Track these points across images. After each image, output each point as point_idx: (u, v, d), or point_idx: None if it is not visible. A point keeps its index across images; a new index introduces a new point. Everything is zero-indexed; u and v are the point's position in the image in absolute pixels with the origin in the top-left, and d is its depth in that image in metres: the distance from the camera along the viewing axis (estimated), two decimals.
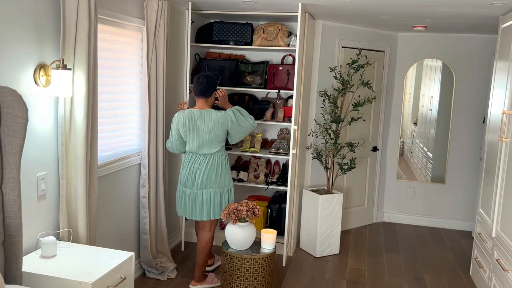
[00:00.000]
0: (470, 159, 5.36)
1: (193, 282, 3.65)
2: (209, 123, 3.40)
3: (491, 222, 3.61)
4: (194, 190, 3.48)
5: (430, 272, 4.23)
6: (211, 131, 3.40)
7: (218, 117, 3.40)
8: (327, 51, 4.70)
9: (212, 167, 3.46)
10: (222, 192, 3.52)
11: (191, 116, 3.42)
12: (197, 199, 3.49)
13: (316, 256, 4.43)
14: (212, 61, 4.44)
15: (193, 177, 3.47)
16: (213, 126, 3.40)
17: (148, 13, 3.44)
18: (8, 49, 2.28)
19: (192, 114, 3.43)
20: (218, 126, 3.41)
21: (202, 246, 3.60)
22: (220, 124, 3.41)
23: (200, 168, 3.45)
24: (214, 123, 3.40)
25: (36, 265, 2.34)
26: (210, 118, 3.40)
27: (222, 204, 3.53)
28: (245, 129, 3.51)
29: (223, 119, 3.41)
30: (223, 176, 3.52)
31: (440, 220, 5.53)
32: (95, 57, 2.76)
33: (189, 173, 3.48)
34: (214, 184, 3.47)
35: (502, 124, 3.40)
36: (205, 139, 3.42)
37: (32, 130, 2.48)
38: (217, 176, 3.48)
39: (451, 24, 4.53)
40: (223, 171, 3.51)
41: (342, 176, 5.06)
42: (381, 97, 5.34)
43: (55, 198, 2.72)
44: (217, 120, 3.40)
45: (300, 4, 3.76)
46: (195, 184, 3.47)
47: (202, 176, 3.45)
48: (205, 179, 3.45)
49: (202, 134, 3.41)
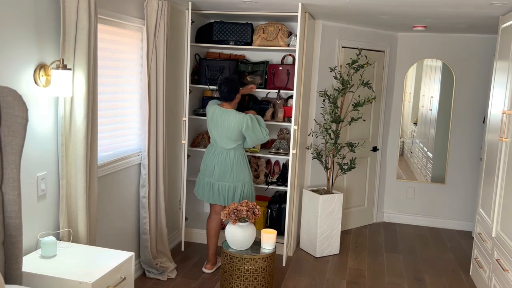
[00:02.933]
0: (470, 159, 5.36)
1: (209, 266, 3.94)
2: (227, 122, 3.71)
3: (491, 222, 3.61)
4: (212, 180, 3.81)
5: (430, 272, 4.23)
6: (227, 129, 3.71)
7: (235, 118, 3.70)
8: (327, 51, 4.70)
9: (228, 162, 3.76)
10: (236, 187, 3.78)
11: (215, 112, 3.79)
12: (213, 187, 3.83)
13: (316, 256, 4.43)
14: (212, 61, 4.44)
15: (212, 168, 3.80)
16: (229, 125, 3.70)
17: (148, 13, 3.44)
18: (8, 49, 2.28)
19: (217, 110, 3.78)
20: (234, 126, 3.70)
21: (211, 226, 3.93)
22: (236, 125, 3.70)
23: (219, 161, 3.77)
24: (231, 122, 3.70)
25: (36, 265, 2.34)
26: (229, 118, 3.72)
27: (235, 198, 3.79)
28: (258, 138, 3.77)
29: (240, 121, 3.70)
30: (238, 172, 3.77)
31: (440, 220, 5.53)
32: (95, 57, 2.76)
33: (208, 163, 3.83)
34: (228, 179, 3.77)
35: (502, 124, 3.40)
36: (223, 135, 3.74)
37: (32, 130, 2.48)
38: (232, 171, 3.76)
39: (451, 24, 4.53)
40: (238, 167, 3.77)
41: (342, 176, 5.06)
42: (381, 97, 5.34)
43: (55, 198, 2.72)
44: (234, 121, 3.70)
45: (300, 4, 3.76)
46: (213, 175, 3.80)
47: (219, 169, 3.77)
48: (222, 172, 3.76)
49: (220, 130, 3.74)
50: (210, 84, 4.41)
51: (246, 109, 4.47)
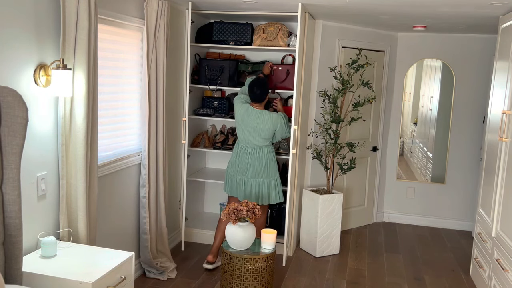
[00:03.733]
0: (470, 159, 5.36)
1: (211, 257, 3.96)
2: (262, 122, 3.84)
3: (491, 222, 3.61)
4: (244, 178, 3.94)
5: (430, 272, 4.23)
6: (262, 129, 3.84)
7: (271, 119, 3.84)
8: (327, 51, 4.70)
9: (262, 159, 3.90)
10: (269, 182, 3.93)
11: (248, 112, 3.88)
12: (246, 185, 3.94)
13: (316, 256, 4.43)
14: (212, 61, 4.44)
15: (245, 167, 3.92)
16: (265, 126, 3.84)
17: (148, 13, 3.44)
18: (8, 49, 2.28)
19: (249, 111, 3.88)
20: (269, 126, 3.84)
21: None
22: (271, 125, 3.85)
23: (252, 159, 3.90)
24: (266, 123, 3.84)
25: (36, 265, 2.34)
26: (264, 118, 3.85)
27: (269, 193, 3.93)
28: (284, 135, 3.97)
29: (275, 121, 3.85)
30: (271, 168, 3.93)
31: (440, 220, 5.53)
32: (95, 57, 2.76)
33: (240, 162, 3.94)
34: (262, 175, 3.91)
35: (502, 124, 3.40)
36: (256, 134, 3.87)
37: (32, 130, 2.48)
38: (266, 168, 3.90)
39: (451, 24, 4.53)
40: (270, 163, 3.93)
41: (342, 176, 5.06)
42: (381, 97, 5.34)
43: (55, 198, 2.72)
44: (269, 121, 3.84)
45: (300, 4, 3.76)
46: (247, 173, 3.92)
47: (252, 166, 3.89)
48: (256, 169, 3.89)
49: (254, 130, 3.86)
50: (210, 84, 4.41)
51: None
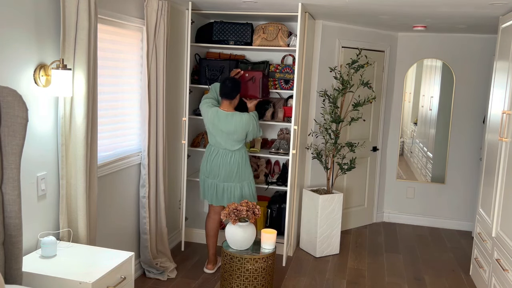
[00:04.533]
0: (470, 159, 5.36)
1: (210, 266, 3.94)
2: (234, 125, 3.69)
3: (491, 222, 3.61)
4: (216, 181, 3.83)
5: (430, 272, 4.23)
6: (234, 132, 3.70)
7: (243, 120, 3.70)
8: (327, 51, 4.70)
9: (234, 163, 3.77)
10: (242, 186, 3.83)
11: (217, 115, 3.73)
12: (218, 189, 3.85)
13: (316, 256, 4.43)
14: (212, 61, 4.44)
15: (217, 170, 3.79)
16: (236, 129, 3.70)
17: (148, 13, 3.44)
18: (8, 49, 2.28)
19: (219, 114, 3.72)
20: (241, 128, 3.70)
21: (211, 227, 3.93)
22: (244, 127, 3.71)
23: (224, 163, 3.77)
24: (238, 125, 3.69)
25: (36, 265, 2.34)
26: (235, 120, 3.70)
27: (242, 197, 3.83)
28: (256, 135, 3.88)
29: (248, 123, 3.72)
30: (243, 171, 3.82)
31: (440, 220, 5.53)
32: (95, 57, 2.76)
33: (211, 166, 3.81)
34: (235, 179, 3.79)
35: (502, 124, 3.40)
36: (228, 138, 3.74)
37: (32, 130, 2.48)
38: (238, 171, 3.78)
39: (451, 24, 4.53)
40: (243, 166, 3.81)
41: (342, 176, 5.06)
42: (381, 97, 5.34)
43: (55, 198, 2.72)
44: (241, 123, 3.70)
45: (300, 4, 3.76)
46: (218, 177, 3.80)
47: (224, 170, 3.77)
48: (227, 173, 3.77)
49: (226, 134, 3.72)
50: (210, 84, 4.41)
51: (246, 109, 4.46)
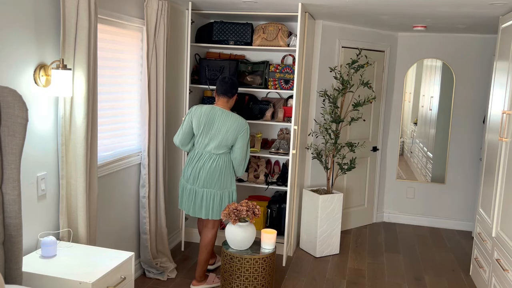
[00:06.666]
0: (470, 159, 5.36)
1: (194, 282, 3.64)
2: (228, 124, 3.42)
3: (491, 222, 3.61)
4: (195, 187, 3.50)
5: (430, 272, 4.23)
6: (225, 132, 3.42)
7: (237, 121, 3.43)
8: (327, 51, 4.70)
9: (216, 167, 3.46)
10: (222, 194, 3.51)
11: (212, 112, 3.45)
12: (197, 196, 3.51)
13: (316, 256, 4.43)
14: (212, 61, 4.44)
15: (197, 174, 3.48)
16: (229, 128, 3.42)
17: (148, 13, 3.44)
18: (8, 49, 2.28)
19: (214, 110, 3.45)
20: (233, 130, 3.42)
21: (205, 243, 3.60)
22: (236, 128, 3.43)
23: (205, 167, 3.46)
24: (231, 125, 3.42)
25: (36, 265, 2.34)
26: (230, 120, 3.43)
27: (222, 206, 3.52)
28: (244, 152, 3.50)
29: (241, 125, 3.44)
30: (226, 178, 3.50)
31: (440, 220, 5.53)
32: (95, 57, 2.76)
33: (193, 169, 3.49)
34: (215, 185, 3.47)
35: (502, 124, 3.40)
36: (217, 138, 3.43)
37: (32, 130, 2.48)
38: (220, 177, 3.47)
39: (451, 24, 4.53)
40: (226, 173, 3.50)
41: (342, 176, 5.06)
42: (381, 97, 5.34)
43: (55, 198, 2.72)
44: (236, 123, 3.42)
45: (300, 4, 3.76)
46: (198, 182, 3.48)
47: (205, 174, 3.46)
48: (208, 178, 3.46)
49: (216, 133, 3.43)
50: (210, 84, 4.41)
51: (246, 109, 4.47)
